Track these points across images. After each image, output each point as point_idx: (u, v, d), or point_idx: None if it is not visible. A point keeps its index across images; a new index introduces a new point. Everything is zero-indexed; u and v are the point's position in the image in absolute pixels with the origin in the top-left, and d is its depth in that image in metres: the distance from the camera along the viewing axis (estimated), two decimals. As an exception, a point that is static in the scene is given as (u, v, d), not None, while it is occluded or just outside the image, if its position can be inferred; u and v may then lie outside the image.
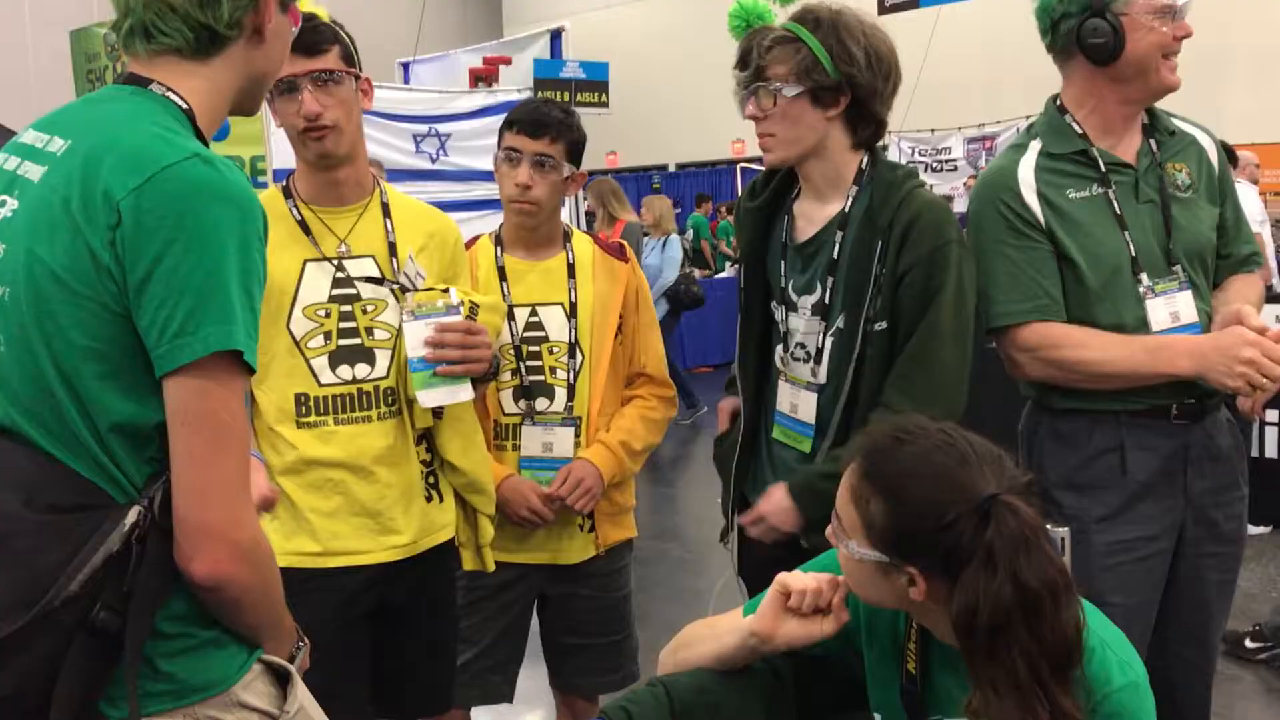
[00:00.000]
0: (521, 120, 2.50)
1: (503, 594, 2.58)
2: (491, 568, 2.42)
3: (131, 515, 1.27)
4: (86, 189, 1.27)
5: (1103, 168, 2.25)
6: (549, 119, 2.49)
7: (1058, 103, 2.34)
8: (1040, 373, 2.23)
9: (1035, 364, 2.22)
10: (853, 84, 2.10)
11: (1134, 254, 2.22)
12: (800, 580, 1.56)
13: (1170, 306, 2.23)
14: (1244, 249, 2.37)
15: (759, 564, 2.21)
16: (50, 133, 1.37)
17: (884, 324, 2.07)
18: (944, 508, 1.39)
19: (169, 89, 1.38)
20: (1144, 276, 2.22)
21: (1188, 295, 2.24)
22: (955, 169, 13.50)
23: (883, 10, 11.00)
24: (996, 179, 2.29)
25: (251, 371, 1.32)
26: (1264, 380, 2.05)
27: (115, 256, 1.25)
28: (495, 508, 2.39)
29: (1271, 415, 5.83)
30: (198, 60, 1.41)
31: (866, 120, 2.16)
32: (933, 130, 13.73)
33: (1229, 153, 6.63)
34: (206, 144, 1.38)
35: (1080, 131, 2.28)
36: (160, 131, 1.31)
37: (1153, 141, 2.31)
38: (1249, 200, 6.83)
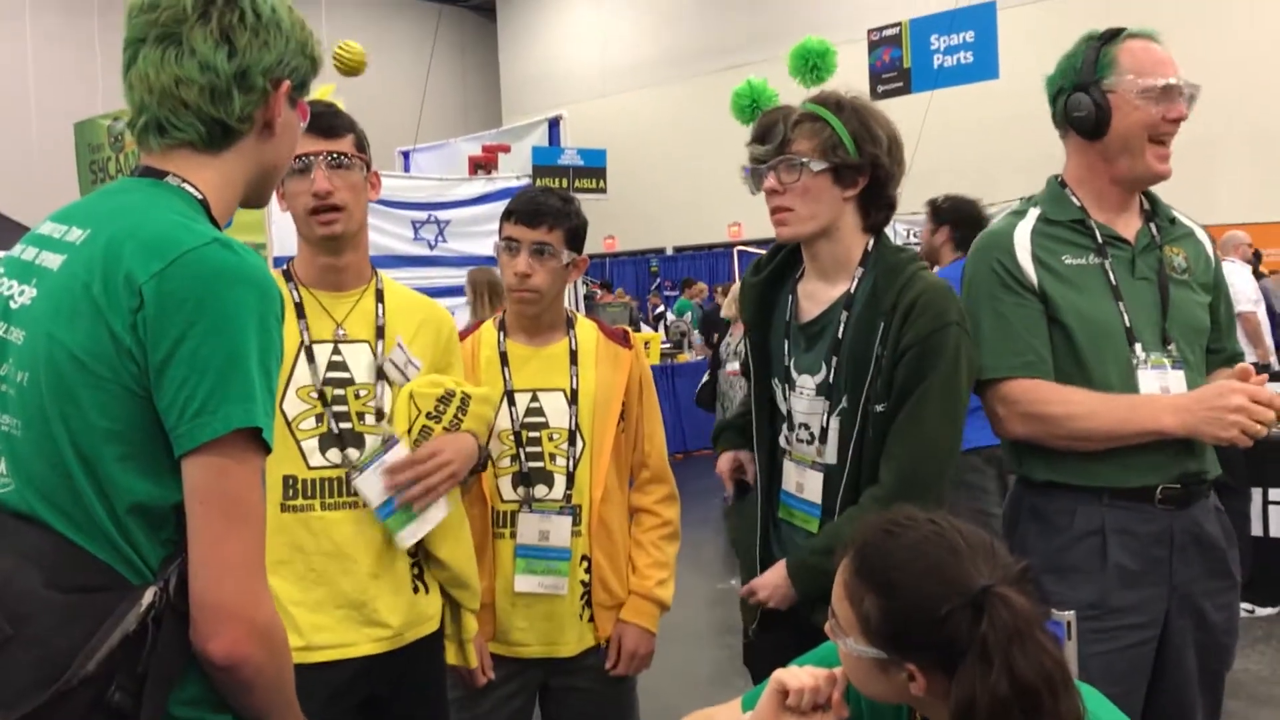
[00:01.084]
0: (519, 210, 2.52)
1: (502, 687, 2.53)
2: (474, 663, 2.39)
3: (148, 596, 1.28)
4: (108, 273, 1.31)
5: (1099, 239, 2.27)
6: (546, 207, 2.51)
7: (1059, 179, 2.37)
8: (1022, 428, 2.21)
9: (1016, 419, 2.21)
10: (874, 165, 2.14)
11: (1128, 324, 2.21)
12: (798, 678, 1.54)
13: (1161, 381, 2.21)
14: (1233, 346, 2.38)
15: (762, 651, 2.18)
16: (68, 223, 1.41)
17: (883, 405, 2.08)
18: (937, 602, 1.37)
19: (184, 180, 1.42)
20: (1138, 347, 2.21)
21: (1180, 374, 2.23)
22: (951, 251, 13.60)
23: (875, 96, 11.16)
24: (992, 240, 2.31)
25: (269, 450, 1.33)
26: (1257, 427, 2.04)
27: (137, 339, 1.29)
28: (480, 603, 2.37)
29: (1275, 494, 5.79)
30: (210, 153, 1.45)
31: (880, 203, 2.19)
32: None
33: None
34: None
35: (1079, 204, 2.30)
36: (179, 219, 1.35)
37: (1153, 226, 2.33)
38: (1241, 279, 6.85)
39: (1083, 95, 2.24)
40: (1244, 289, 7.32)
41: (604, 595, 2.56)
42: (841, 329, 2.15)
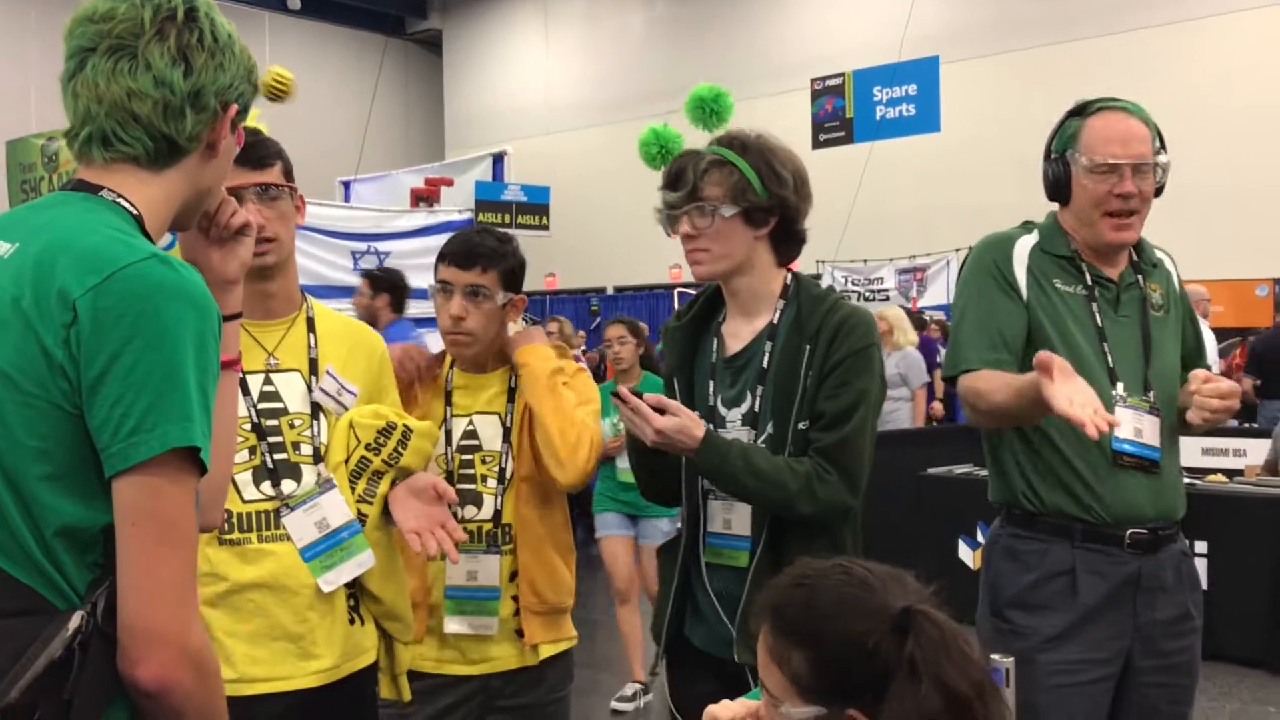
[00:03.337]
0: (452, 252, 2.51)
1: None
2: (408, 697, 2.34)
3: (74, 621, 1.24)
4: (39, 287, 1.26)
5: (1089, 279, 2.38)
6: (480, 249, 2.50)
7: (1056, 218, 2.47)
8: (974, 420, 2.36)
9: (971, 412, 2.35)
10: (782, 205, 2.20)
11: (1111, 364, 2.31)
12: (728, 710, 1.53)
13: (1138, 422, 2.29)
14: (1205, 365, 2.48)
15: (694, 698, 2.16)
16: None
17: (806, 422, 2.14)
18: (863, 636, 1.36)
19: (119, 195, 1.38)
20: (1120, 386, 2.30)
21: (1155, 421, 2.31)
22: (887, 298, 13.77)
23: (816, 145, 11.32)
24: (996, 242, 2.44)
25: (204, 471, 1.29)
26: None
27: (69, 354, 1.24)
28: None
29: (1201, 546, 5.90)
30: (152, 170, 1.41)
31: (791, 239, 2.26)
32: (865, 261, 14.04)
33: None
34: None
35: (1072, 248, 2.41)
36: (116, 234, 1.31)
37: (1139, 272, 2.44)
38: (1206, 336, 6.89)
39: (1047, 165, 2.40)
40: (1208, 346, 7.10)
41: (533, 599, 2.53)
42: (766, 358, 2.21)
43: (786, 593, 1.46)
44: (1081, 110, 2.39)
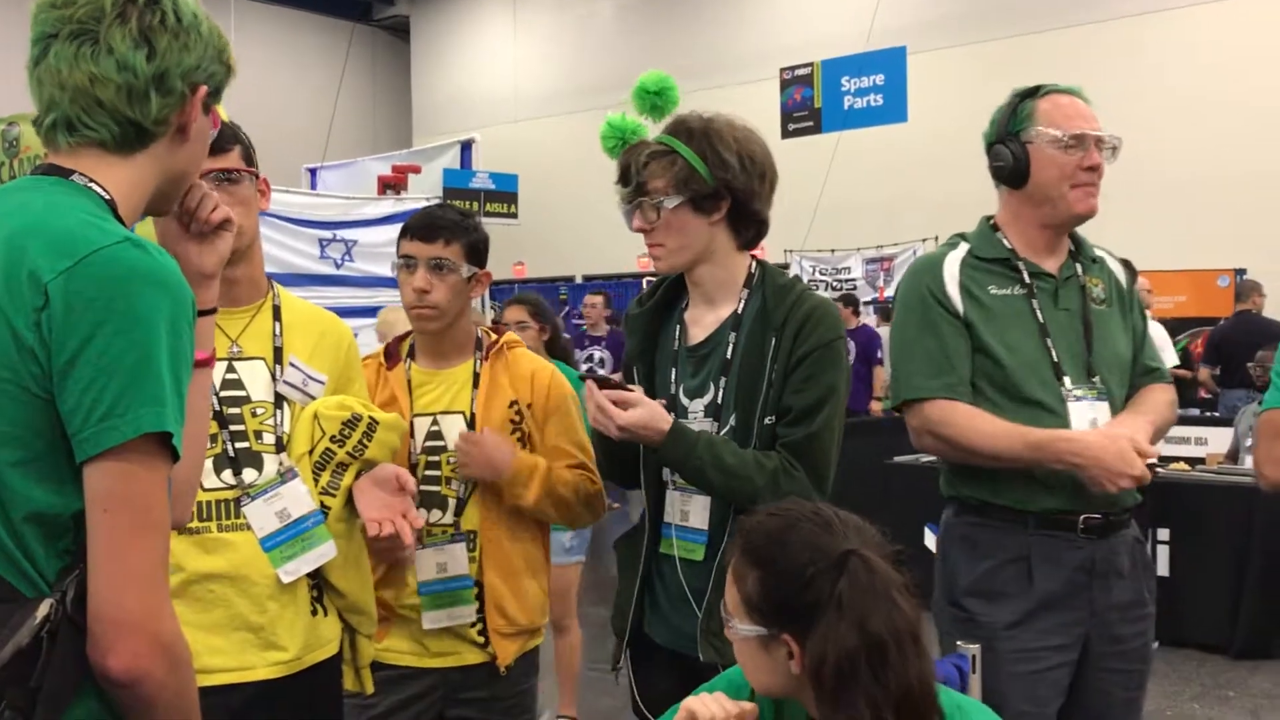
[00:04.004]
0: (415, 226, 2.50)
1: (398, 714, 2.48)
2: (370, 690, 2.33)
3: (43, 609, 1.22)
4: (10, 270, 1.25)
5: (1026, 276, 2.38)
6: (442, 221, 2.48)
7: (990, 221, 2.48)
8: (934, 448, 2.35)
9: (930, 440, 2.34)
10: (730, 189, 2.16)
11: (1055, 359, 2.32)
12: (708, 707, 1.55)
13: (1091, 412, 2.32)
14: (1150, 361, 2.49)
15: (659, 694, 2.16)
16: None
17: (772, 417, 2.13)
18: (806, 567, 1.45)
19: (91, 180, 1.36)
20: (1066, 380, 2.32)
21: (1105, 405, 2.34)
22: (855, 288, 13.82)
23: (785, 135, 11.33)
24: (924, 266, 2.43)
25: (178, 457, 1.28)
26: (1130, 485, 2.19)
27: (40, 338, 1.23)
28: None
29: (1163, 534, 5.97)
30: (121, 154, 1.39)
31: (748, 221, 2.22)
32: (833, 250, 14.08)
33: (1130, 270, 6.89)
34: None
35: (1008, 246, 2.41)
36: (88, 217, 1.29)
37: (1078, 265, 2.44)
38: (1158, 334, 6.95)
39: (1002, 147, 2.38)
40: (1162, 344, 7.17)
41: (501, 622, 2.51)
42: (730, 349, 2.19)
43: (761, 519, 1.57)
44: (1031, 94, 2.40)
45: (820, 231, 13.08)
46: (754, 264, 2.26)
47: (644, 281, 14.50)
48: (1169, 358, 6.78)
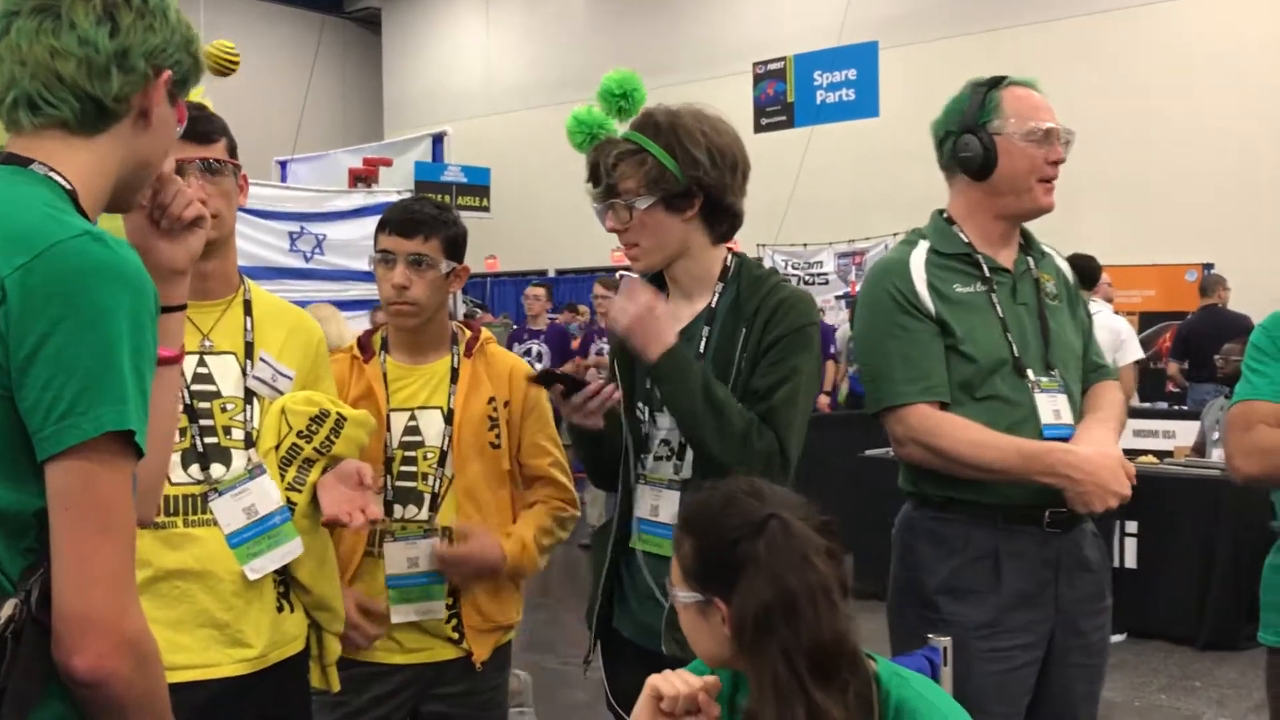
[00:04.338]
0: (393, 220, 2.47)
1: (371, 711, 2.46)
2: (337, 687, 2.31)
3: (7, 609, 1.20)
4: None
5: (986, 270, 2.36)
6: (421, 216, 2.46)
7: (944, 215, 2.45)
8: (920, 457, 2.29)
9: (916, 448, 2.28)
10: (701, 185, 2.13)
11: (1016, 353, 2.31)
12: (672, 684, 1.57)
13: (1053, 404, 2.32)
14: (1097, 358, 2.50)
15: (630, 687, 2.16)
16: None
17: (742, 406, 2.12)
18: (732, 533, 1.53)
19: (51, 169, 1.34)
20: (1030, 373, 2.31)
21: (1064, 398, 2.34)
22: (826, 283, 13.85)
23: (759, 129, 11.34)
24: (890, 267, 2.38)
25: (141, 455, 1.25)
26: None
27: None
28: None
29: (1131, 526, 6.02)
30: (83, 135, 1.37)
31: (721, 215, 2.19)
32: (805, 245, 14.11)
33: (1092, 268, 6.86)
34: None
35: (965, 240, 2.39)
36: (47, 209, 1.27)
37: (1029, 257, 2.44)
38: (1122, 325, 6.96)
39: (971, 137, 2.34)
40: (1119, 328, 7.11)
41: (477, 618, 2.50)
42: (703, 343, 2.18)
43: (699, 494, 1.67)
44: (994, 85, 2.37)
45: (793, 226, 13.11)
46: (730, 257, 2.24)
47: (618, 276, 14.51)
48: (1134, 351, 6.79)
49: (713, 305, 2.20)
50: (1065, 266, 2.54)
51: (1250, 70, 11.55)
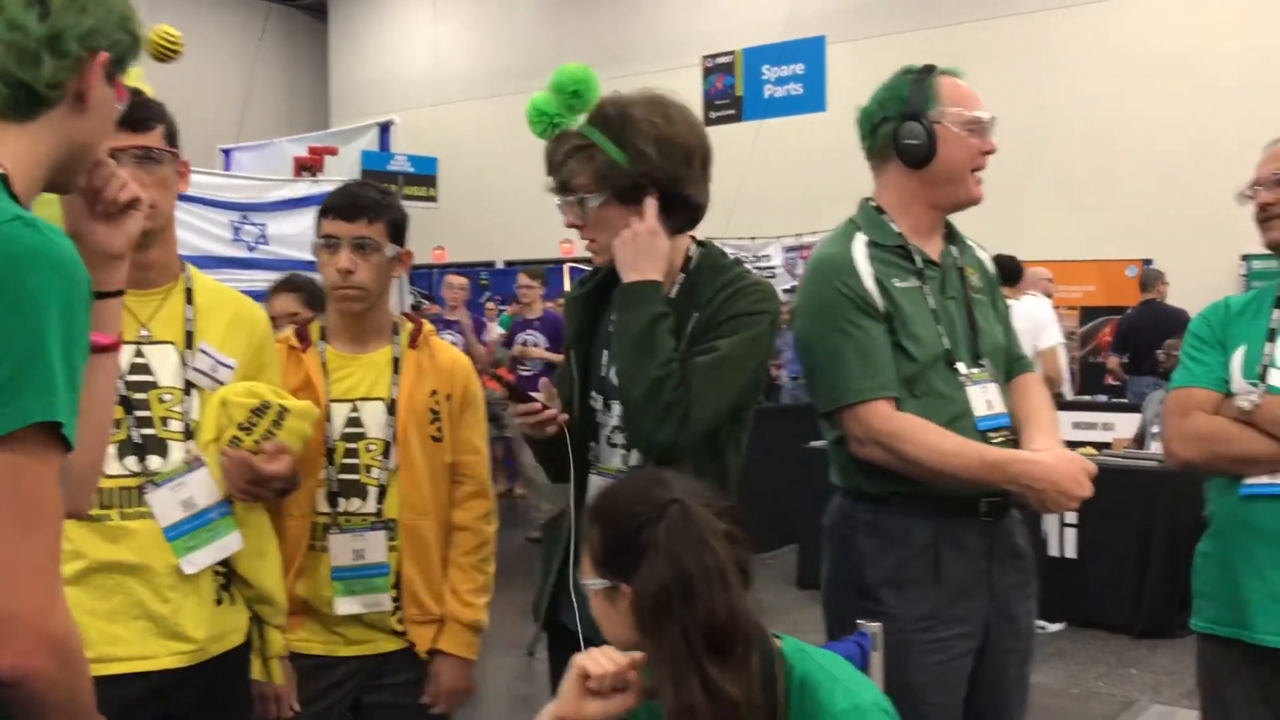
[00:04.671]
0: (337, 205, 2.43)
1: (314, 704, 2.44)
2: (279, 680, 2.29)
3: None
4: None
5: (918, 263, 2.36)
6: (364, 200, 2.43)
7: (873, 204, 2.43)
8: (880, 457, 2.26)
9: (877, 449, 2.25)
10: (652, 179, 2.09)
11: (948, 345, 2.32)
12: (598, 662, 1.59)
13: (985, 395, 2.33)
14: (1016, 349, 2.52)
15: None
16: None
17: None
18: (634, 519, 1.57)
19: None
20: (960, 366, 2.32)
21: (995, 388, 2.36)
22: (774, 276, 13.91)
23: (708, 122, 11.37)
24: (834, 263, 2.33)
25: (70, 447, 1.22)
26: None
27: None
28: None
29: (1071, 516, 6.11)
30: (14, 121, 1.33)
31: (678, 205, 2.14)
32: (753, 238, 14.16)
33: (1015, 265, 7.01)
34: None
35: (897, 231, 2.38)
36: None
37: (953, 248, 2.45)
38: (1043, 312, 7.19)
39: (915, 124, 2.31)
40: (1046, 320, 7.53)
41: (415, 610, 2.49)
42: None
43: (610, 485, 1.70)
44: (928, 73, 2.36)
45: (741, 219, 13.14)
46: (693, 246, 2.21)
47: (565, 267, 14.48)
48: (1054, 335, 7.09)
49: (671, 295, 2.16)
50: (986, 258, 2.54)
51: (1187, 70, 11.75)
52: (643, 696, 1.62)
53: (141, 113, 2.04)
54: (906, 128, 2.32)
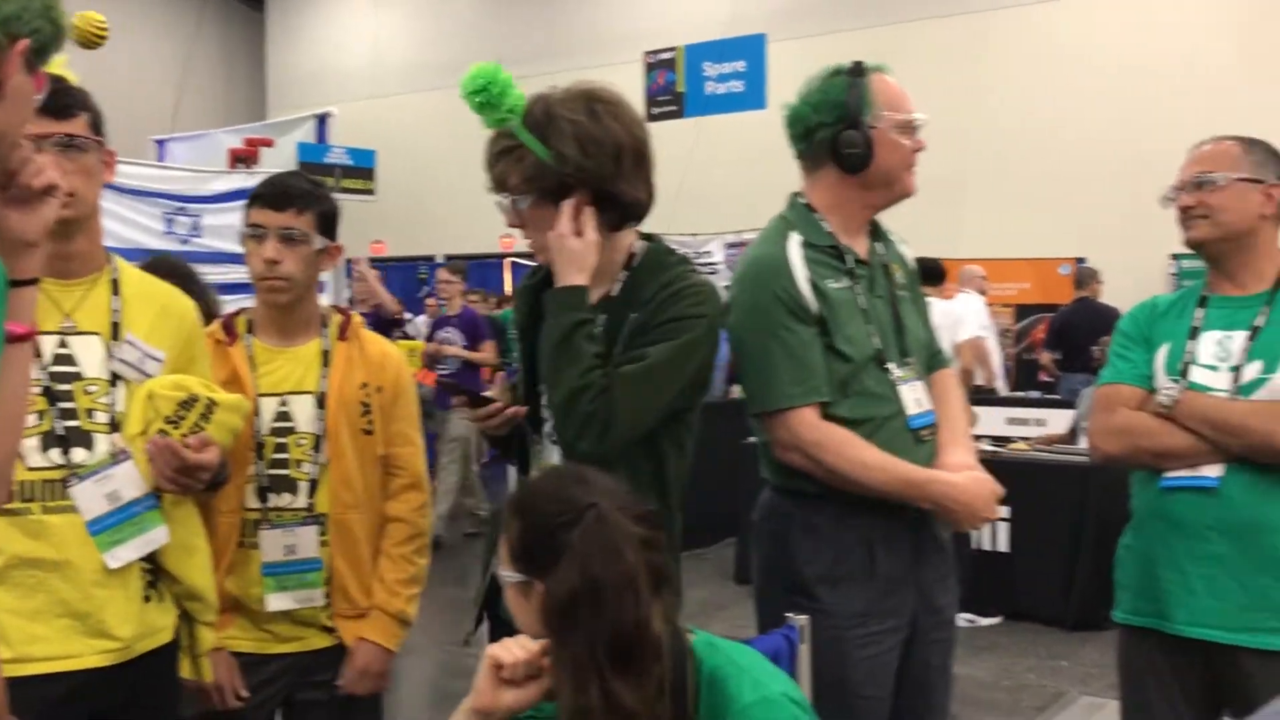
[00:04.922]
0: (265, 194, 2.40)
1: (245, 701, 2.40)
2: (210, 678, 2.26)
3: None
4: None
5: (849, 263, 2.37)
6: (294, 190, 2.40)
7: (805, 202, 2.42)
8: (802, 464, 2.28)
9: (799, 456, 2.27)
10: (579, 179, 2.04)
11: (879, 345, 2.33)
12: (510, 651, 1.59)
13: (914, 393, 2.36)
14: (935, 344, 2.56)
15: None
16: None
17: None
18: (552, 518, 1.56)
19: None
20: (891, 366, 2.34)
21: (921, 385, 2.39)
22: (715, 273, 13.94)
23: (650, 119, 11.37)
24: (771, 265, 2.31)
25: None
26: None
27: None
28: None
29: (1003, 511, 6.19)
30: None
31: (609, 203, 2.08)
32: (695, 234, 14.20)
33: (936, 267, 7.18)
34: None
35: (828, 229, 2.38)
36: None
37: (878, 245, 2.46)
38: (974, 309, 7.34)
39: (855, 133, 2.30)
40: (976, 317, 7.86)
41: (344, 605, 2.47)
42: (598, 330, 2.13)
43: (533, 478, 1.70)
44: (859, 73, 2.35)
45: (683, 216, 13.15)
46: (637, 243, 2.18)
47: (506, 262, 14.41)
48: (971, 329, 7.26)
49: (612, 294, 2.13)
50: (908, 252, 2.55)
51: (1125, 73, 11.97)
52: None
53: (65, 100, 2.00)
54: (846, 136, 2.30)
